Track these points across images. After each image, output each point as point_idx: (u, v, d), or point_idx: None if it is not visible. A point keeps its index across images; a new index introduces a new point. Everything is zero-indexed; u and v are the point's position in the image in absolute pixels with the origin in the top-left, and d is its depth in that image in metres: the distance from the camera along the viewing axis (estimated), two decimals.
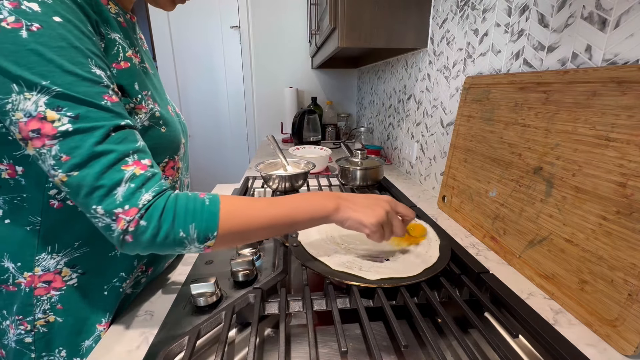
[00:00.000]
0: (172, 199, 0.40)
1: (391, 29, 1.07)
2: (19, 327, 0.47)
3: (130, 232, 0.38)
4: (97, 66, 0.39)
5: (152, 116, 0.48)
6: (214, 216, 0.42)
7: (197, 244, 0.41)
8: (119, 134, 0.38)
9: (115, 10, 0.48)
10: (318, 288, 0.54)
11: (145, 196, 0.38)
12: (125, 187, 0.38)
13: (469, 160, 0.82)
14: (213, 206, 0.42)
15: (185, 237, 0.40)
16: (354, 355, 0.46)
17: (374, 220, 0.50)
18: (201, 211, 0.41)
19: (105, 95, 0.38)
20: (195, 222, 0.40)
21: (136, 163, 0.39)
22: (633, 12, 0.46)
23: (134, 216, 0.38)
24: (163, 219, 0.39)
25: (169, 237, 0.39)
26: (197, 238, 0.41)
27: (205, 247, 0.42)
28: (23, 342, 0.47)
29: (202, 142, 2.41)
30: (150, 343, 0.46)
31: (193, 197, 0.42)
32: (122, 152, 0.38)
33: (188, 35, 2.19)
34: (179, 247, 0.41)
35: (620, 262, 0.45)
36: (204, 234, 0.41)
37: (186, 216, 0.40)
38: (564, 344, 0.41)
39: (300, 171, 1.03)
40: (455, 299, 0.49)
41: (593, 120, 0.50)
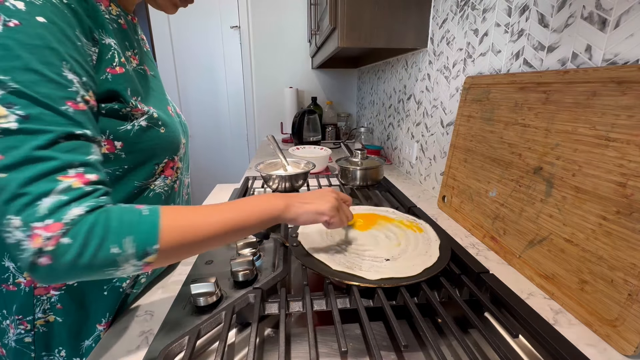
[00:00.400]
0: (104, 212, 0.35)
1: (391, 29, 1.07)
2: (19, 326, 0.47)
3: (47, 251, 0.32)
4: (72, 70, 0.37)
5: (150, 117, 0.48)
6: (154, 226, 0.37)
7: (135, 261, 0.36)
8: (69, 142, 0.35)
9: (117, 12, 0.48)
10: (318, 288, 0.54)
11: (75, 210, 0.33)
12: (53, 199, 0.33)
13: (469, 160, 0.82)
14: (152, 216, 0.38)
15: (119, 253, 0.35)
16: (354, 355, 0.46)
17: (329, 205, 0.53)
18: (138, 222, 0.36)
19: (69, 102, 0.36)
20: (133, 234, 0.35)
21: (78, 176, 0.35)
22: (633, 12, 0.46)
23: (56, 232, 0.32)
24: (92, 234, 0.33)
25: (98, 255, 0.34)
26: (135, 253, 0.36)
27: (145, 265, 0.37)
28: (23, 342, 0.47)
29: (202, 142, 2.41)
30: (150, 343, 0.46)
31: (129, 208, 0.38)
32: (65, 161, 0.34)
33: (188, 35, 2.19)
34: (109, 268, 0.35)
35: (620, 262, 0.45)
36: (142, 247, 0.36)
37: (120, 229, 0.35)
38: (564, 344, 0.41)
39: (300, 171, 1.03)
40: (455, 299, 0.49)
41: (593, 120, 0.50)
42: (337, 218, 0.54)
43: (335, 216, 0.53)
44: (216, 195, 1.10)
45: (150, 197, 0.53)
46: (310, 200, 0.53)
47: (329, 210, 0.52)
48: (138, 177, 0.50)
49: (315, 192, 0.56)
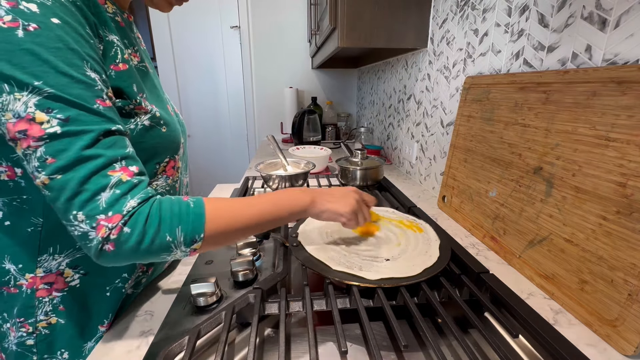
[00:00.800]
0: (157, 203, 0.40)
1: (391, 29, 1.07)
2: (20, 329, 0.46)
3: (112, 239, 0.36)
4: (93, 69, 0.38)
5: (153, 116, 0.48)
6: (200, 217, 0.41)
7: (184, 247, 0.41)
8: (109, 139, 0.38)
9: (113, 10, 0.47)
10: (318, 288, 0.54)
11: (130, 202, 0.37)
12: (110, 192, 0.36)
13: (469, 160, 0.82)
14: (198, 208, 0.42)
15: (172, 240, 0.39)
16: (354, 355, 0.46)
17: (349, 209, 0.55)
18: (187, 213, 0.41)
19: (98, 100, 0.38)
20: (182, 225, 0.40)
21: (123, 169, 0.38)
22: (633, 12, 0.46)
23: (117, 223, 0.36)
24: (148, 224, 0.38)
25: (155, 242, 0.38)
26: (184, 241, 0.40)
27: (192, 251, 0.41)
28: (24, 345, 0.47)
29: (202, 142, 2.41)
30: (150, 343, 0.46)
31: (177, 201, 0.42)
32: (110, 157, 0.37)
33: (188, 35, 2.19)
34: (164, 253, 0.40)
35: (620, 262, 0.45)
36: (190, 236, 0.40)
37: (172, 219, 0.39)
38: (564, 344, 0.41)
39: (300, 171, 1.03)
40: (455, 299, 0.49)
41: (593, 120, 0.50)
42: (353, 221, 0.56)
43: (352, 219, 0.56)
44: (216, 195, 1.10)
45: None
46: (334, 199, 0.55)
47: (348, 213, 0.54)
48: None
49: (340, 190, 0.58)
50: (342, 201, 0.55)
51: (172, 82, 2.27)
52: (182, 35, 2.19)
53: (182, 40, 2.20)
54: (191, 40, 2.20)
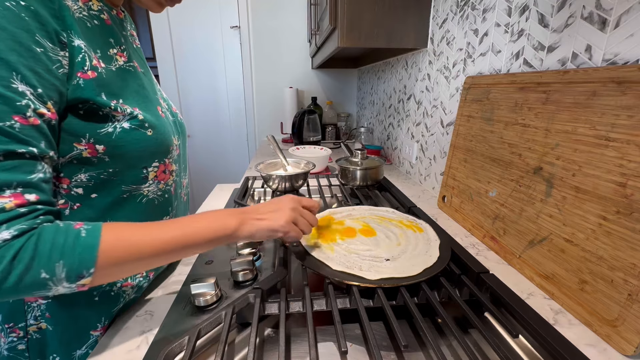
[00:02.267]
0: (35, 235, 0.34)
1: (391, 29, 1.07)
2: (10, 334, 0.45)
3: None
4: (24, 82, 0.34)
5: (135, 119, 0.46)
6: (91, 250, 0.36)
7: (67, 284, 0.35)
8: (9, 161, 0.34)
9: (99, 7, 0.45)
10: (318, 288, 0.54)
11: (2, 234, 0.33)
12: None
13: (469, 160, 0.82)
14: (91, 237, 0.37)
15: (48, 277, 0.34)
16: (354, 355, 0.46)
17: (283, 222, 0.50)
18: (73, 245, 0.35)
19: (17, 116, 0.34)
20: (65, 259, 0.35)
21: (15, 196, 0.34)
22: (633, 12, 0.46)
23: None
24: (17, 260, 0.33)
25: (24, 280, 0.33)
26: (66, 277, 0.35)
27: (79, 287, 0.36)
28: (16, 350, 0.46)
29: (202, 142, 2.41)
30: (150, 343, 0.46)
31: (64, 229, 0.36)
32: (2, 181, 0.33)
33: (188, 36, 2.19)
34: (38, 291, 0.35)
35: (620, 262, 0.45)
36: (76, 272, 0.35)
37: (51, 253, 0.34)
38: (564, 344, 0.41)
39: (300, 171, 1.03)
40: (455, 299, 0.49)
41: (593, 120, 0.50)
42: (293, 232, 0.52)
43: (290, 231, 0.52)
44: (216, 195, 1.10)
45: (142, 202, 0.51)
46: (264, 215, 0.51)
47: (281, 226, 0.50)
48: (125, 181, 0.48)
49: (272, 203, 0.54)
50: (273, 215, 0.51)
51: (172, 82, 2.27)
52: (182, 36, 2.19)
53: (182, 40, 2.20)
54: (191, 40, 2.20)
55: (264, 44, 2.13)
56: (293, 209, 0.53)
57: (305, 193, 1.03)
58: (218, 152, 2.45)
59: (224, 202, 1.02)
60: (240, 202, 0.90)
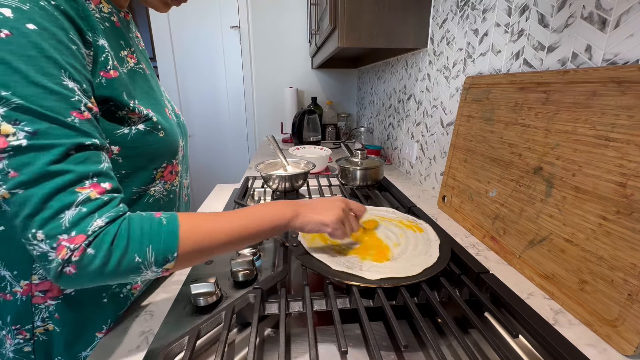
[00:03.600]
0: (126, 222, 0.37)
1: (391, 29, 1.07)
2: (17, 336, 0.46)
3: (73, 262, 0.34)
4: (71, 78, 0.36)
5: (149, 121, 0.47)
6: (173, 235, 0.39)
7: (155, 268, 0.38)
8: (81, 154, 0.35)
9: (109, 9, 0.46)
10: (318, 288, 0.54)
11: (97, 222, 0.35)
12: (75, 210, 0.34)
13: (469, 160, 0.82)
14: (171, 225, 0.39)
15: (141, 262, 0.37)
16: (354, 355, 0.46)
17: (334, 218, 0.53)
18: (158, 232, 0.38)
19: (74, 112, 0.35)
20: (153, 244, 0.37)
21: (94, 186, 0.36)
22: (633, 12, 0.46)
23: (80, 244, 0.34)
24: (115, 245, 0.35)
25: (122, 264, 0.36)
26: (154, 261, 0.38)
27: (164, 271, 0.39)
28: (22, 352, 0.46)
29: (202, 142, 2.41)
30: (150, 343, 0.46)
31: (148, 218, 0.39)
32: (80, 173, 0.35)
33: (188, 36, 2.19)
34: (133, 274, 0.38)
35: (620, 262, 0.45)
36: (162, 255, 0.38)
37: (142, 238, 0.37)
38: (564, 344, 0.41)
39: (300, 171, 1.03)
40: (455, 299, 0.49)
41: (593, 120, 0.50)
42: (340, 231, 0.54)
43: (338, 229, 0.54)
44: (216, 195, 1.10)
45: (149, 202, 0.51)
46: (318, 210, 0.53)
47: (332, 222, 0.53)
48: (136, 183, 0.48)
49: (325, 200, 0.56)
50: (326, 212, 0.53)
51: (172, 82, 2.27)
52: (182, 36, 2.19)
53: (182, 40, 2.20)
54: (191, 40, 2.20)
55: (264, 44, 2.13)
56: (343, 210, 0.55)
57: (305, 193, 1.03)
58: (218, 152, 2.45)
59: (224, 202, 1.02)
60: (240, 202, 0.90)
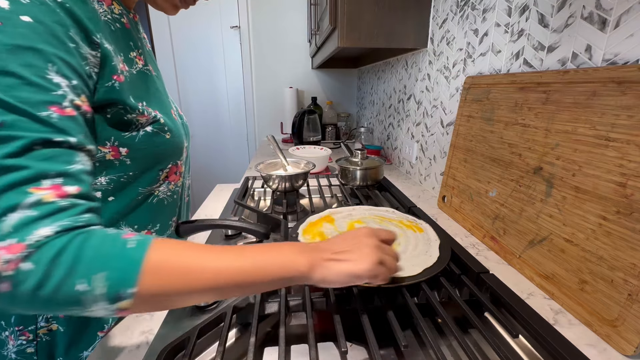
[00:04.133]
0: (81, 236, 0.30)
1: (391, 29, 1.07)
2: (20, 337, 0.45)
3: (5, 277, 0.27)
4: (59, 73, 0.34)
5: (157, 123, 0.47)
6: (135, 265, 0.30)
7: (105, 304, 0.29)
8: (47, 150, 0.31)
9: (119, 10, 0.46)
10: (318, 288, 0.54)
11: (43, 230, 0.28)
12: (21, 214, 0.28)
13: (469, 160, 0.82)
14: (137, 252, 0.31)
15: (85, 291, 0.28)
16: (354, 355, 0.46)
17: (368, 265, 0.40)
18: (118, 256, 0.30)
19: (53, 106, 0.33)
20: (107, 271, 0.29)
21: (54, 187, 0.30)
22: (633, 12, 0.46)
23: (16, 255, 0.27)
24: (57, 262, 0.28)
25: (61, 290, 0.28)
26: (105, 294, 0.29)
27: (117, 311, 0.30)
28: (25, 353, 0.46)
29: (202, 142, 2.41)
30: (150, 343, 0.46)
31: (112, 238, 0.31)
32: (40, 170, 0.30)
33: (188, 35, 2.19)
34: (74, 307, 0.29)
35: (620, 262, 0.45)
36: (115, 288, 0.29)
37: (94, 261, 0.29)
38: (564, 344, 0.41)
39: (300, 171, 1.03)
40: (455, 299, 0.49)
41: (593, 120, 0.50)
42: (381, 277, 0.42)
43: (378, 275, 0.41)
44: (216, 195, 1.10)
45: (154, 203, 0.52)
46: (343, 255, 0.40)
47: (368, 270, 0.40)
48: (142, 184, 0.49)
49: (347, 237, 0.43)
50: (354, 255, 0.40)
51: (172, 82, 2.27)
52: (182, 35, 2.19)
53: (182, 40, 2.20)
54: (191, 40, 2.20)
55: (264, 44, 2.13)
56: (375, 246, 0.42)
57: (306, 193, 1.03)
58: (218, 152, 2.45)
59: (223, 202, 1.02)
60: (240, 202, 0.90)
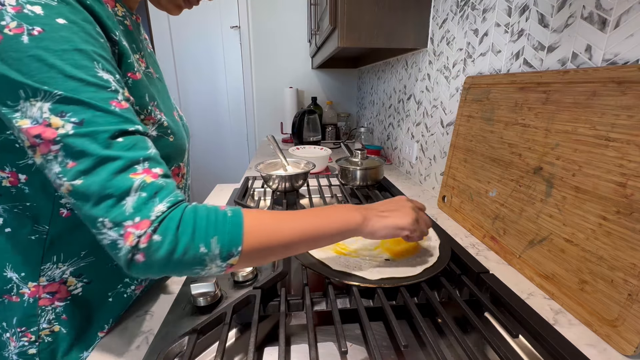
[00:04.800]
0: (190, 209, 0.36)
1: (391, 29, 1.07)
2: (22, 339, 0.45)
3: (141, 249, 0.33)
4: (105, 69, 0.36)
5: (161, 126, 0.47)
6: (238, 228, 0.37)
7: (219, 262, 0.36)
8: (126, 139, 0.35)
9: (122, 13, 0.46)
10: (318, 288, 0.54)
11: (159, 207, 0.34)
12: (135, 196, 0.33)
13: (469, 160, 0.82)
14: (236, 218, 0.38)
15: (206, 252, 0.35)
16: (354, 355, 0.46)
17: (410, 219, 0.50)
18: (223, 223, 0.37)
19: (113, 101, 0.35)
20: (218, 235, 0.36)
21: (146, 171, 0.35)
22: (633, 12, 0.46)
23: (146, 230, 0.33)
24: (181, 231, 0.34)
25: (188, 253, 0.35)
26: (219, 254, 0.36)
27: (228, 266, 0.37)
28: (26, 354, 0.46)
29: (202, 142, 2.41)
30: (150, 343, 0.46)
31: (214, 209, 0.38)
32: (130, 159, 0.34)
33: (188, 35, 2.19)
34: (198, 266, 0.36)
35: (620, 262, 0.45)
36: (227, 248, 0.36)
37: (207, 228, 0.36)
38: (564, 344, 0.41)
39: (300, 171, 1.03)
40: (455, 299, 0.49)
41: (593, 120, 0.50)
42: (419, 232, 0.52)
43: (416, 230, 0.51)
44: (216, 195, 1.10)
45: None
46: (388, 213, 0.50)
47: (409, 224, 0.50)
48: None
49: (390, 202, 0.53)
50: (398, 213, 0.50)
51: (172, 82, 2.27)
52: (182, 35, 2.19)
53: (182, 40, 2.20)
54: (191, 40, 2.20)
55: (264, 44, 2.13)
56: (413, 208, 0.52)
57: (306, 193, 1.03)
58: (218, 152, 2.45)
59: (224, 202, 1.02)
60: (240, 202, 0.90)
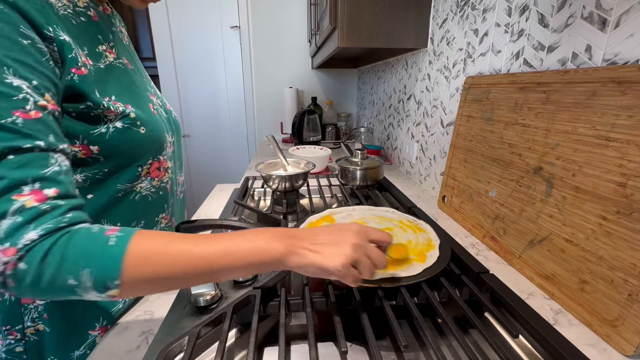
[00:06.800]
0: (64, 239, 0.33)
1: (391, 29, 1.07)
2: (8, 337, 0.45)
3: (7, 275, 0.31)
4: (17, 75, 0.33)
5: (126, 117, 0.45)
6: (115, 260, 0.33)
7: (96, 292, 0.34)
8: (19, 157, 0.32)
9: (84, 4, 0.45)
10: (318, 288, 0.54)
11: (30, 234, 0.32)
12: (10, 220, 0.31)
13: (469, 160, 0.82)
14: (117, 248, 0.34)
15: (76, 284, 0.33)
16: (354, 355, 0.46)
17: (338, 263, 0.39)
18: (100, 253, 0.34)
19: (17, 111, 0.32)
20: (91, 268, 0.33)
21: (34, 192, 0.33)
22: (633, 12, 0.46)
23: (11, 257, 0.31)
24: (47, 262, 0.32)
25: (55, 284, 0.32)
26: (92, 286, 0.33)
27: (109, 296, 0.35)
28: (14, 352, 0.46)
29: (202, 142, 2.41)
30: (150, 343, 0.46)
31: (96, 236, 0.34)
32: (16, 179, 0.32)
33: (188, 35, 2.19)
34: (71, 295, 0.34)
35: (620, 262, 0.45)
36: (101, 281, 0.33)
37: (78, 260, 0.33)
38: (564, 344, 0.41)
39: (300, 171, 1.03)
40: (455, 299, 0.49)
41: (593, 120, 0.50)
42: (351, 277, 0.41)
43: (348, 275, 0.40)
44: (216, 195, 1.10)
45: (136, 200, 0.50)
46: (319, 247, 0.40)
47: (336, 268, 0.39)
48: (121, 180, 0.47)
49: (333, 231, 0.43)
50: (330, 250, 0.40)
51: (172, 82, 2.27)
52: (182, 36, 2.19)
53: (182, 40, 2.20)
54: (191, 40, 2.20)
55: (264, 44, 2.13)
56: (355, 246, 0.41)
57: (306, 193, 1.03)
58: (218, 152, 2.45)
59: (224, 202, 1.02)
60: (240, 202, 0.90)
